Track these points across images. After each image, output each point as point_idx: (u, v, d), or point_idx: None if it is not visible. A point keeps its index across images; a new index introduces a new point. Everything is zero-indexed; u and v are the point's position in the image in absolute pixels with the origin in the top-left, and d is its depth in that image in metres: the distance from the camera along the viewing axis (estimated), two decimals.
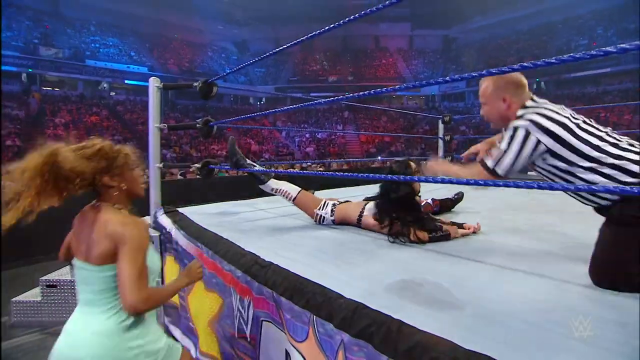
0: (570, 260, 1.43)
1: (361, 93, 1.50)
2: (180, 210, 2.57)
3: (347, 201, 2.28)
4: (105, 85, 21.78)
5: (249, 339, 1.53)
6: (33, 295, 2.65)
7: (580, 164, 1.23)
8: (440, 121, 4.68)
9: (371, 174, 1.50)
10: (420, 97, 26.18)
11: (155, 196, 2.63)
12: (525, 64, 1.02)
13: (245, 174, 2.38)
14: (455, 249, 1.64)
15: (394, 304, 1.04)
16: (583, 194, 1.28)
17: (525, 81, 1.45)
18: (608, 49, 0.84)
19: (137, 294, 1.07)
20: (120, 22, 24.23)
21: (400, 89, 1.44)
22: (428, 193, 2.72)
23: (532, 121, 1.28)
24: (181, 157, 16.06)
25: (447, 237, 1.80)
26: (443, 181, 1.39)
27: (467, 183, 1.19)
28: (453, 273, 1.34)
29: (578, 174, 1.25)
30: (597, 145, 1.22)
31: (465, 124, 21.73)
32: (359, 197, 2.48)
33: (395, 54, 29.50)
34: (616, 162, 1.18)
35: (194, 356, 2.05)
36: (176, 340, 2.26)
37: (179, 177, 7.13)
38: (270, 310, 1.36)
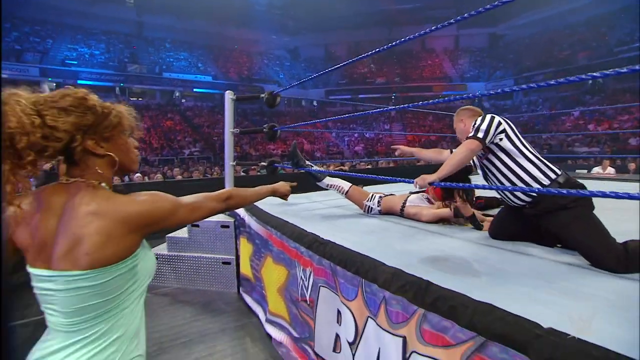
0: None
1: (421, 103, 1.72)
2: None
3: (391, 194, 2.50)
4: (177, 94, 23.69)
5: (308, 302, 1.82)
6: None
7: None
8: None
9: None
10: None
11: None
12: (621, 70, 0.91)
13: (302, 172, 2.70)
14: (483, 236, 1.81)
15: (425, 271, 1.26)
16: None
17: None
18: None
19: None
20: (189, 38, 26.17)
21: (462, 98, 1.64)
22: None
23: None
24: (242, 156, 17.01)
25: (480, 227, 1.96)
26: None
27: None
28: (477, 253, 1.53)
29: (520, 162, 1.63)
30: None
31: (512, 122, 20.40)
32: (402, 191, 2.70)
33: (442, 54, 28.44)
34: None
35: (263, 318, 2.39)
36: (248, 305, 2.64)
37: (242, 173, 7.70)
38: (327, 277, 1.63)
